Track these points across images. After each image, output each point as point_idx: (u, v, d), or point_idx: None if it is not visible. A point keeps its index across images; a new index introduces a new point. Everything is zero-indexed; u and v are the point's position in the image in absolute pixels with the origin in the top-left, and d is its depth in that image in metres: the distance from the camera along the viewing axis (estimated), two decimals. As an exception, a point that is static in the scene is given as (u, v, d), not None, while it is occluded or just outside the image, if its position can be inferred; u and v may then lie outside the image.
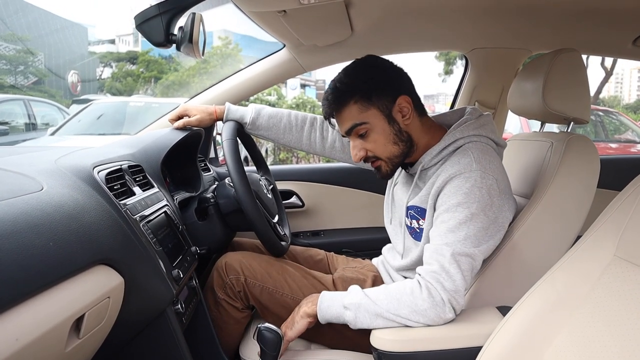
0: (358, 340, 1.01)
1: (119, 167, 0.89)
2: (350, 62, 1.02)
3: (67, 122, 4.62)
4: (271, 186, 1.42)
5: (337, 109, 0.98)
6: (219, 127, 1.44)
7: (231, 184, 1.18)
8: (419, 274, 0.90)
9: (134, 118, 4.57)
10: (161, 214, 0.95)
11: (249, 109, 1.26)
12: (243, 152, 2.85)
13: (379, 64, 1.00)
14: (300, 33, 1.33)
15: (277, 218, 1.32)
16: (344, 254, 1.38)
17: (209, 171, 1.56)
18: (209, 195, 1.19)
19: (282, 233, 1.29)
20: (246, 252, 1.17)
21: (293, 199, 1.80)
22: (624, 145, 5.67)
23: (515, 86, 1.21)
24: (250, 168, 1.57)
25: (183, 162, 1.33)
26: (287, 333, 0.95)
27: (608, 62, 13.01)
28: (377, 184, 1.82)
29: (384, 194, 1.22)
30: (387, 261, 1.19)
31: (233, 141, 1.14)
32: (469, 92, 1.83)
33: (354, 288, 0.94)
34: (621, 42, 1.56)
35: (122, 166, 0.91)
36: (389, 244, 1.23)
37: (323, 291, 0.97)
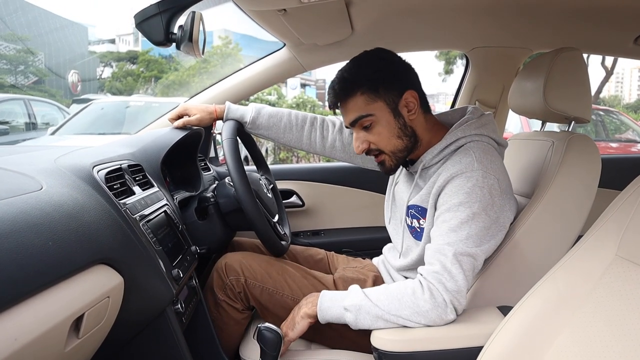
0: (358, 340, 1.00)
1: (119, 166, 0.89)
2: (358, 54, 1.01)
3: (67, 122, 4.63)
4: (271, 185, 1.42)
5: (344, 99, 0.98)
6: (219, 127, 1.44)
7: (231, 184, 1.18)
8: (421, 274, 0.89)
9: (134, 117, 4.57)
10: (161, 213, 0.95)
11: (249, 108, 1.26)
12: (243, 151, 2.85)
13: (388, 57, 0.99)
14: (301, 32, 1.33)
15: (277, 217, 1.32)
16: (344, 254, 1.38)
17: (209, 170, 1.56)
18: (209, 194, 1.19)
19: (282, 232, 1.29)
20: (246, 253, 1.17)
21: (293, 199, 1.80)
22: (624, 144, 5.68)
23: (516, 85, 1.21)
24: (250, 167, 1.57)
25: (183, 161, 1.33)
26: (288, 334, 0.95)
27: (608, 61, 13.01)
28: (378, 183, 1.81)
29: (385, 193, 1.21)
30: (387, 261, 1.19)
31: (233, 140, 1.13)
32: (470, 91, 1.82)
33: (354, 288, 0.94)
34: (622, 41, 1.56)
35: (122, 165, 0.90)
36: (389, 243, 1.22)
37: (323, 291, 0.96)
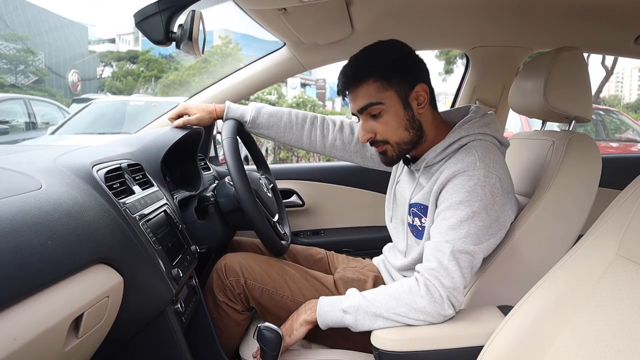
0: (358, 339, 1.00)
1: (119, 165, 0.89)
2: (373, 43, 1.00)
3: (67, 121, 4.63)
4: (271, 185, 1.41)
5: (355, 84, 0.97)
6: (219, 126, 1.44)
7: (231, 183, 1.17)
8: (418, 271, 0.90)
9: (133, 117, 4.57)
10: (161, 212, 0.94)
11: (249, 107, 1.26)
12: (243, 150, 2.85)
13: (403, 48, 0.99)
14: (301, 31, 1.33)
15: (277, 217, 1.31)
16: (344, 253, 1.38)
17: (209, 170, 1.56)
18: (209, 194, 1.19)
19: (282, 232, 1.28)
20: (246, 253, 1.16)
21: (293, 198, 1.80)
22: (624, 144, 5.68)
23: (516, 85, 1.21)
24: (250, 167, 1.57)
25: (183, 160, 1.33)
26: (286, 340, 0.95)
27: (608, 61, 13.02)
28: (378, 183, 1.81)
29: (385, 193, 1.21)
30: (388, 260, 1.19)
31: (233, 140, 1.13)
32: (470, 90, 1.82)
33: (351, 291, 0.94)
34: (623, 41, 1.55)
35: (122, 165, 0.90)
36: (390, 243, 1.22)
37: (321, 297, 0.96)
